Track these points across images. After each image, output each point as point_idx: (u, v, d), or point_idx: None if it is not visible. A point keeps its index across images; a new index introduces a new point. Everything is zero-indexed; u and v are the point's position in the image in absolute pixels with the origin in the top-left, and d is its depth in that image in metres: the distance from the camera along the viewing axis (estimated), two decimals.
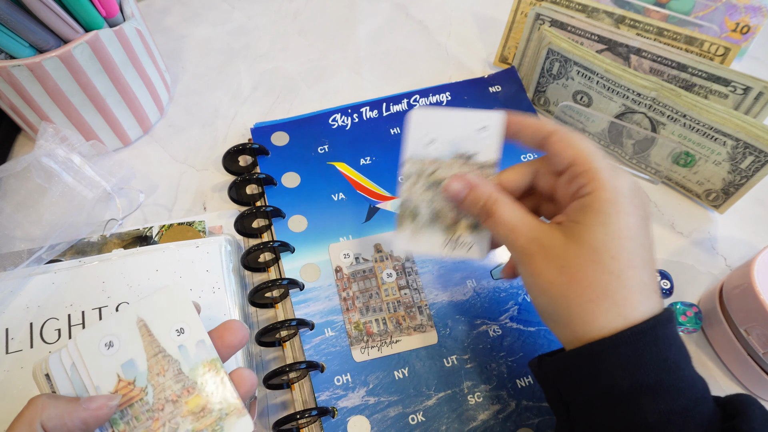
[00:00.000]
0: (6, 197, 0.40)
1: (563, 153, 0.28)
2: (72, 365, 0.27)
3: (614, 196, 0.26)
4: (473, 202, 0.30)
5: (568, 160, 0.28)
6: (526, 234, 0.28)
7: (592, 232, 0.26)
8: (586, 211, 0.26)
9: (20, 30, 0.37)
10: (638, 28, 0.46)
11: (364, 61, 0.57)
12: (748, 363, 0.36)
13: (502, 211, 0.29)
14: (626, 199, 0.26)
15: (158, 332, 0.28)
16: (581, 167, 0.27)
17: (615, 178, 0.27)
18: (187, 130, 0.51)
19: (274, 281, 0.38)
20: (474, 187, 0.30)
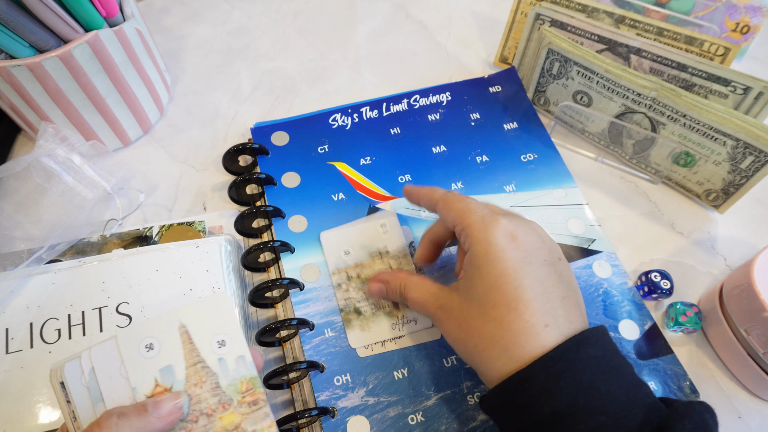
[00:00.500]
0: (6, 197, 0.40)
1: (447, 216, 0.32)
2: (91, 370, 0.26)
3: (485, 247, 0.29)
4: (392, 295, 0.36)
5: (451, 222, 0.32)
6: (433, 304, 0.32)
7: (474, 286, 0.29)
8: (469, 267, 0.30)
9: (20, 30, 0.37)
10: (638, 28, 0.46)
11: (364, 61, 0.57)
12: (748, 363, 0.36)
13: (412, 294, 0.34)
14: (498, 247, 0.29)
15: (199, 341, 0.27)
16: (460, 226, 0.31)
17: (485, 230, 0.29)
18: (187, 130, 0.51)
19: (274, 281, 0.38)
20: (387, 282, 0.36)
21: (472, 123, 0.49)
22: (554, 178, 0.46)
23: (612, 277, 0.41)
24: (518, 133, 0.49)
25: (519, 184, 0.45)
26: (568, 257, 0.41)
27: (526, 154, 0.47)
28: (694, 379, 0.36)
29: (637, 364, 0.37)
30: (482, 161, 0.47)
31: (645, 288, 0.40)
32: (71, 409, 0.26)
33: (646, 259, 0.43)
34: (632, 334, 0.38)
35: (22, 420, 0.33)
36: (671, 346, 0.38)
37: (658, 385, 0.36)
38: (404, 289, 0.34)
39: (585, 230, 0.43)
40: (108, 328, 0.36)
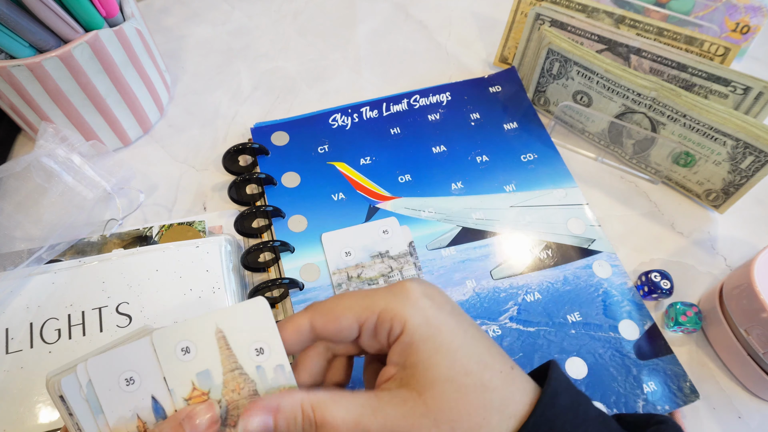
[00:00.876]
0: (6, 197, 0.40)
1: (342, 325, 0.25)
2: (88, 383, 0.25)
3: (421, 316, 0.24)
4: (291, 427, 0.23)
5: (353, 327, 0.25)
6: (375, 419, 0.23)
7: (432, 365, 0.23)
8: (411, 350, 0.24)
9: (20, 30, 0.37)
10: (638, 28, 0.46)
11: (364, 61, 0.57)
12: (748, 363, 0.36)
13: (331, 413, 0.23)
14: (431, 309, 0.24)
15: (237, 347, 0.26)
16: (372, 319, 0.25)
17: (407, 300, 0.24)
18: (187, 130, 0.51)
19: (274, 281, 0.38)
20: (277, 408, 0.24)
21: (472, 123, 0.49)
22: (554, 178, 0.46)
23: (612, 277, 0.41)
24: (518, 133, 0.49)
25: (519, 184, 0.45)
26: (568, 257, 0.42)
27: (526, 154, 0.47)
28: (694, 379, 0.36)
29: (637, 364, 0.37)
30: (482, 161, 0.47)
31: (645, 288, 0.40)
32: (75, 421, 0.25)
33: (646, 259, 0.43)
34: (632, 334, 0.38)
35: (22, 420, 0.33)
36: (671, 346, 0.38)
37: (658, 386, 0.36)
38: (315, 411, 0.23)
39: (585, 230, 0.43)
40: (108, 328, 0.36)
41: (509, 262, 0.41)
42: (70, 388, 0.25)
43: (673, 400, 0.35)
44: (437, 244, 0.42)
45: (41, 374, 0.34)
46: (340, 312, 0.25)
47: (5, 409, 0.33)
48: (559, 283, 0.40)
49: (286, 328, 0.26)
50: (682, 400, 0.35)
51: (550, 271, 0.41)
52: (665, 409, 0.35)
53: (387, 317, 0.24)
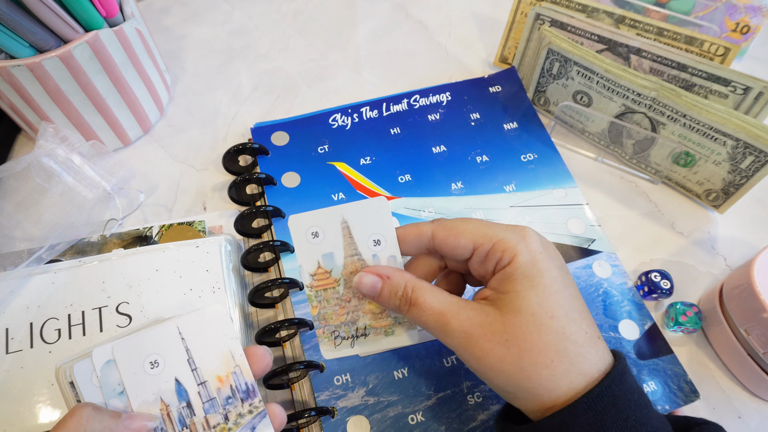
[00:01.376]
0: (6, 197, 0.40)
1: (459, 243, 0.28)
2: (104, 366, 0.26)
3: (530, 256, 0.26)
4: (391, 294, 0.28)
5: (468, 246, 0.28)
6: (457, 317, 0.26)
7: (524, 298, 0.26)
8: (511, 280, 0.26)
9: (20, 30, 0.37)
10: (638, 28, 0.46)
11: (364, 61, 0.57)
12: (748, 363, 0.36)
13: (425, 298, 0.27)
14: (541, 254, 0.27)
15: (358, 237, 0.30)
16: (487, 244, 0.27)
17: (523, 239, 0.27)
18: (187, 130, 0.51)
19: (274, 281, 0.38)
20: (388, 277, 0.29)
21: (472, 123, 0.49)
22: (554, 178, 0.46)
23: (612, 277, 0.41)
24: (518, 133, 0.49)
25: (519, 184, 0.45)
26: (568, 257, 0.42)
27: (526, 154, 0.47)
28: (694, 379, 0.36)
29: (637, 364, 0.37)
30: (482, 161, 0.47)
31: (645, 288, 0.40)
32: None
33: (646, 259, 0.43)
34: (632, 334, 0.38)
35: (22, 420, 0.33)
36: (671, 346, 0.38)
37: (658, 386, 0.36)
38: (412, 290, 0.28)
39: (585, 230, 0.43)
40: (108, 328, 0.36)
41: None
42: (82, 374, 0.26)
43: (673, 400, 0.35)
44: None
45: (41, 374, 0.34)
46: (462, 231, 0.28)
47: (5, 409, 0.33)
48: None
49: (409, 230, 0.29)
50: (682, 400, 0.35)
51: None
52: (665, 409, 0.35)
53: (500, 247, 0.27)
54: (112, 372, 0.26)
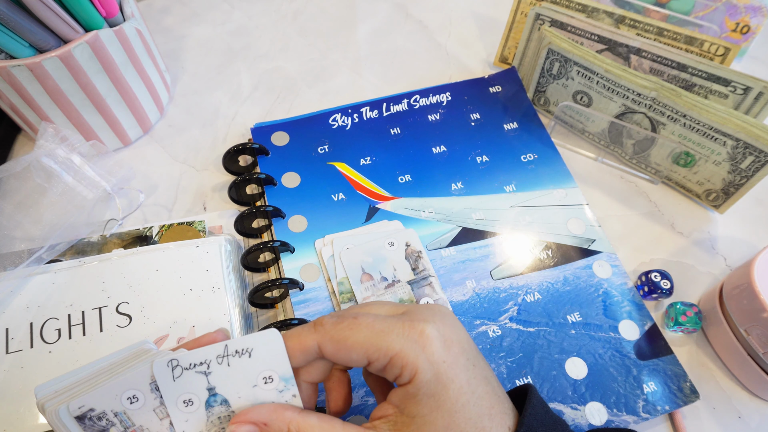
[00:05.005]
0: (6, 197, 0.40)
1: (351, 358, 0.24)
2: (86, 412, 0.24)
3: (433, 371, 0.24)
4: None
5: (362, 359, 0.24)
6: None
7: (431, 422, 0.23)
8: (414, 401, 0.24)
9: (20, 30, 0.37)
10: (638, 28, 0.46)
11: (364, 61, 0.57)
12: (748, 363, 0.36)
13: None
14: (444, 365, 0.24)
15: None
16: (383, 359, 0.24)
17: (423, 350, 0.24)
18: (187, 130, 0.51)
19: (274, 281, 0.38)
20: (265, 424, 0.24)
21: (472, 123, 0.49)
22: (554, 178, 0.46)
23: (612, 277, 0.41)
24: (518, 133, 0.49)
25: (519, 184, 0.45)
26: (568, 257, 0.42)
27: (526, 154, 0.47)
28: (694, 379, 0.36)
29: (637, 364, 0.37)
30: (482, 161, 0.47)
31: (645, 288, 0.40)
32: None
33: (646, 259, 0.43)
34: (632, 335, 0.38)
35: (22, 420, 0.33)
36: (671, 346, 0.38)
37: (658, 386, 0.36)
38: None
39: (585, 230, 0.43)
40: (108, 328, 0.36)
41: (509, 262, 0.41)
42: (66, 417, 0.24)
43: (673, 400, 0.35)
44: (437, 245, 0.42)
45: (41, 374, 0.34)
46: (351, 346, 0.24)
47: (5, 409, 0.33)
48: (559, 283, 0.40)
49: (292, 345, 0.25)
50: (682, 400, 0.35)
51: (550, 271, 0.41)
52: (665, 410, 0.35)
53: (398, 363, 0.24)
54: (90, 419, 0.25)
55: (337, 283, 0.39)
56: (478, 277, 0.40)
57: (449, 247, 0.42)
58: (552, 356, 0.37)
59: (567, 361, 0.37)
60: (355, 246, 0.41)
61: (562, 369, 0.37)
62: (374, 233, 0.42)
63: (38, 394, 0.25)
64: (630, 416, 0.35)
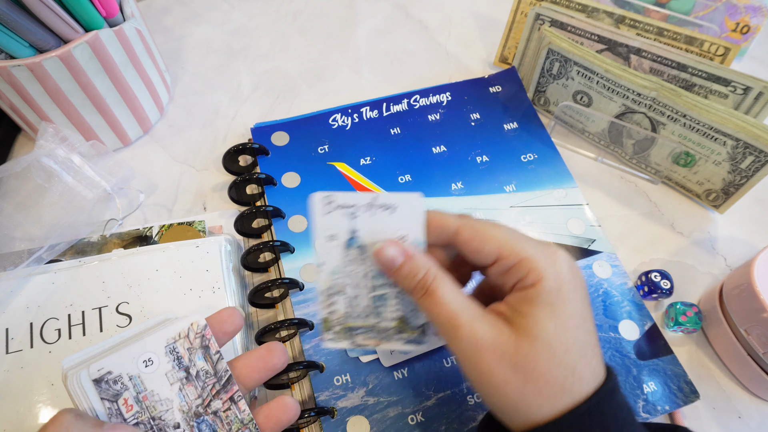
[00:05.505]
0: (6, 197, 0.40)
1: (483, 249, 0.26)
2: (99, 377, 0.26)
3: (557, 283, 0.25)
4: (409, 274, 0.26)
5: (492, 254, 0.26)
6: (470, 324, 0.25)
7: (542, 326, 0.24)
8: (532, 303, 0.25)
9: (20, 30, 0.37)
10: (638, 28, 0.46)
11: (364, 61, 0.57)
12: (748, 363, 0.36)
13: (443, 291, 0.25)
14: (569, 284, 0.25)
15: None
16: (513, 259, 0.25)
17: (553, 263, 0.25)
18: (187, 130, 0.51)
19: (274, 281, 0.38)
20: (411, 256, 0.26)
21: (472, 123, 0.49)
22: (554, 178, 0.46)
23: (612, 277, 0.41)
24: (518, 133, 0.49)
25: (519, 184, 0.45)
26: None
27: (526, 154, 0.47)
28: (694, 379, 0.36)
29: (637, 364, 0.37)
30: (482, 161, 0.47)
31: (645, 288, 0.40)
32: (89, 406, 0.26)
33: (646, 259, 0.43)
34: (632, 335, 0.38)
35: (22, 420, 0.33)
36: (671, 346, 0.38)
37: (658, 386, 0.36)
38: (433, 278, 0.26)
39: (585, 230, 0.43)
40: (108, 327, 0.36)
41: None
42: (86, 381, 0.26)
43: (673, 401, 0.35)
44: None
45: (41, 374, 0.34)
46: (489, 237, 0.26)
47: (5, 409, 0.33)
48: None
49: (434, 220, 0.27)
50: (682, 400, 0.35)
51: None
52: (665, 410, 0.35)
53: (526, 266, 0.25)
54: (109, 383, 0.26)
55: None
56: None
57: None
58: None
59: None
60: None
61: None
62: None
63: (65, 365, 0.26)
64: None
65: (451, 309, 0.25)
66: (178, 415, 0.27)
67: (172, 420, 0.27)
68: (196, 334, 0.28)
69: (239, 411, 0.28)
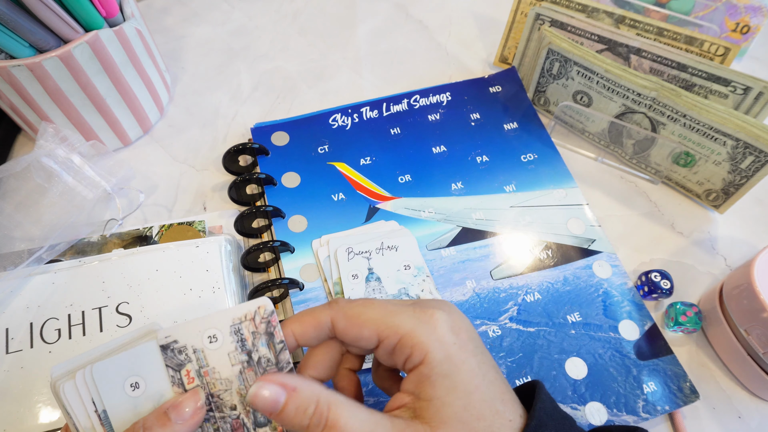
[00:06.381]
0: (6, 197, 0.40)
1: (362, 335, 0.25)
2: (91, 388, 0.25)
3: (444, 352, 0.24)
4: (298, 412, 0.22)
5: (372, 339, 0.25)
6: None
7: (449, 404, 0.23)
8: (428, 384, 0.23)
9: (20, 30, 0.37)
10: (638, 28, 0.46)
11: (364, 61, 0.57)
12: (748, 363, 0.36)
13: (345, 419, 0.22)
14: (454, 347, 0.24)
15: None
16: (392, 339, 0.24)
17: (433, 331, 0.24)
18: (187, 130, 0.51)
19: (274, 281, 0.38)
20: (294, 389, 0.23)
21: (472, 123, 0.49)
22: (554, 178, 0.46)
23: (612, 277, 0.41)
24: (518, 133, 0.49)
25: (519, 184, 0.45)
26: (568, 257, 0.42)
27: (526, 154, 0.47)
28: (694, 379, 0.36)
29: (637, 364, 0.37)
30: (482, 161, 0.47)
31: (645, 288, 0.40)
32: (74, 422, 0.26)
33: (646, 259, 0.43)
34: (632, 335, 0.38)
35: (22, 420, 0.33)
36: (671, 346, 0.38)
37: (658, 386, 0.36)
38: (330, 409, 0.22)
39: (585, 230, 0.43)
40: (108, 328, 0.36)
41: (509, 262, 0.41)
42: (71, 393, 0.25)
43: (673, 401, 0.35)
44: (437, 245, 0.42)
45: (41, 374, 0.34)
46: (364, 323, 0.25)
47: (5, 409, 0.33)
48: (559, 283, 0.40)
49: (305, 320, 0.26)
50: (682, 400, 0.35)
51: (550, 271, 0.41)
52: (665, 410, 0.35)
53: (409, 343, 0.24)
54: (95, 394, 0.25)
55: (332, 283, 0.39)
56: (478, 277, 0.40)
57: (449, 247, 0.42)
58: (552, 356, 0.37)
59: (567, 361, 0.37)
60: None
61: (562, 369, 0.37)
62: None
63: (53, 373, 0.26)
64: (630, 416, 0.35)
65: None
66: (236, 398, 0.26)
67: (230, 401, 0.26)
68: (262, 318, 0.27)
69: None
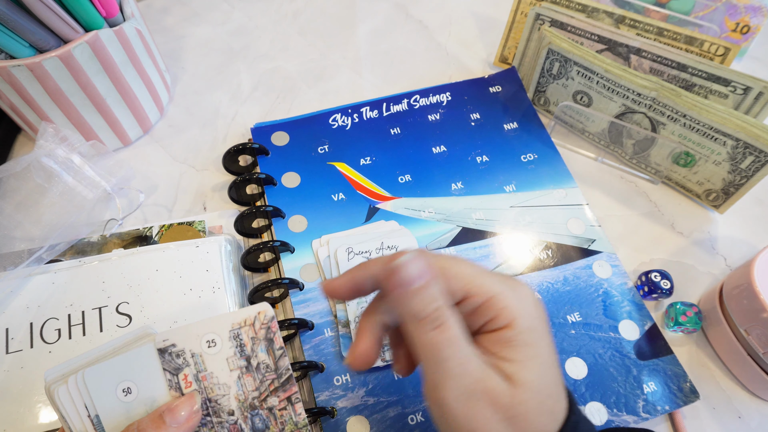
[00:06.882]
0: (6, 197, 0.40)
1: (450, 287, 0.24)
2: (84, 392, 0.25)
3: (530, 322, 0.24)
4: (426, 300, 0.23)
5: (460, 292, 0.24)
6: (474, 374, 0.22)
7: (529, 369, 0.23)
8: (512, 347, 0.23)
9: (20, 30, 0.37)
10: (638, 28, 0.46)
11: (364, 61, 0.57)
12: (748, 363, 0.36)
13: (457, 333, 0.23)
14: (537, 321, 0.24)
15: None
16: (481, 297, 0.23)
17: (522, 300, 0.24)
18: (187, 130, 0.51)
19: (274, 281, 0.38)
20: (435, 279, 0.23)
21: (472, 123, 0.49)
22: (554, 178, 0.46)
23: (612, 277, 0.41)
24: (518, 133, 0.49)
25: (519, 184, 0.45)
26: (568, 257, 0.42)
27: (526, 154, 0.47)
28: (694, 379, 0.36)
29: (637, 364, 0.37)
30: (482, 161, 0.47)
31: (645, 288, 0.40)
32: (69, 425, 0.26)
33: (646, 259, 0.43)
34: (632, 335, 0.38)
35: (22, 420, 0.33)
36: (671, 346, 0.38)
37: (658, 386, 0.36)
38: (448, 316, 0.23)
39: (585, 230, 0.43)
40: (108, 328, 0.36)
41: (509, 262, 0.41)
42: (65, 398, 0.25)
43: (673, 401, 0.35)
44: (437, 245, 0.42)
45: (41, 374, 0.34)
46: (454, 275, 0.24)
47: (5, 409, 0.33)
48: (559, 283, 0.40)
49: None
50: (682, 400, 0.35)
51: (550, 271, 0.41)
52: (665, 410, 0.35)
53: (497, 305, 0.23)
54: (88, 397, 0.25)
55: None
56: None
57: (449, 247, 0.42)
58: None
59: (567, 361, 0.37)
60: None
61: (562, 369, 0.37)
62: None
63: (47, 377, 0.26)
64: (630, 416, 0.35)
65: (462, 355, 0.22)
66: (234, 403, 0.27)
67: (228, 406, 0.27)
68: (262, 324, 0.27)
69: (295, 413, 0.28)
